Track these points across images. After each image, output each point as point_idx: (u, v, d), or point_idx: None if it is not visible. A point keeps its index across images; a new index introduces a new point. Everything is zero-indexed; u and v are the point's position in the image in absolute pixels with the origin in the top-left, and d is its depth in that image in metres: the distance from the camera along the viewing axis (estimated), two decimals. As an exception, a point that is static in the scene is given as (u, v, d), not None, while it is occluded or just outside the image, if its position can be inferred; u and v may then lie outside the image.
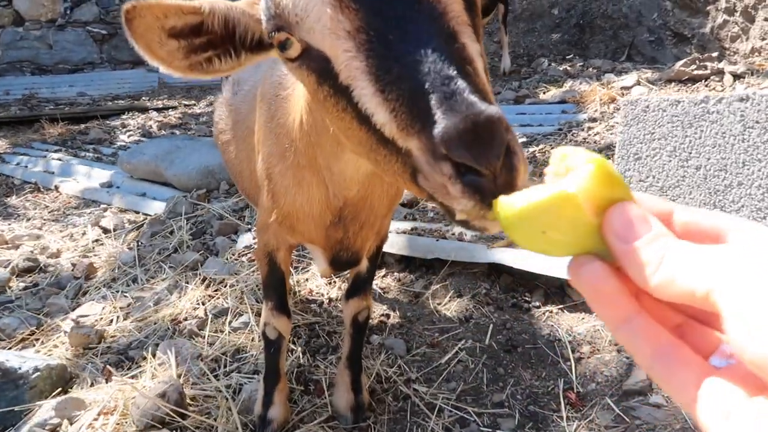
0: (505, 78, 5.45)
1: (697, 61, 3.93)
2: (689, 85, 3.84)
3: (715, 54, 4.20)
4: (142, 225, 3.34)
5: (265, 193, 1.43)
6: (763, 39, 4.51)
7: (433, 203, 0.66)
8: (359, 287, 1.70)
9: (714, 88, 3.67)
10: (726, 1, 5.01)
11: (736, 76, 3.73)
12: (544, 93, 4.65)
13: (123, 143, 5.57)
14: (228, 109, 1.91)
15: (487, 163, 0.56)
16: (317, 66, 0.76)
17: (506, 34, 5.84)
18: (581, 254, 0.45)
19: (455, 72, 0.63)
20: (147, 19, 0.86)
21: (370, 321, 2.04)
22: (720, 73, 3.82)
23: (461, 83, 0.61)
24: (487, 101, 0.61)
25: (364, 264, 1.63)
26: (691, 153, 1.72)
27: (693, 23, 5.49)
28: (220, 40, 0.92)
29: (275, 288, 1.63)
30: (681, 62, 3.97)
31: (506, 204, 0.49)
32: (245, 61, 0.94)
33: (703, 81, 3.82)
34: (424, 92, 0.62)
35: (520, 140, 3.59)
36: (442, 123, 0.59)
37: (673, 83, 3.94)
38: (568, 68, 5.39)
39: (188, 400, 1.80)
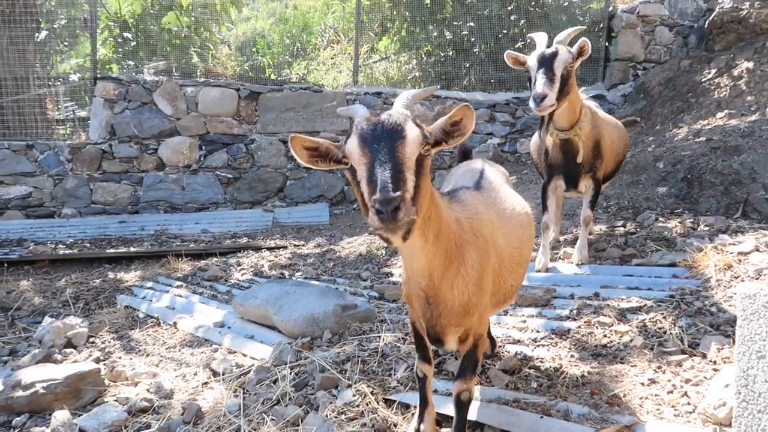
0: (609, 234, 5.38)
1: (822, 229, 3.72)
2: (815, 253, 3.61)
3: (842, 221, 3.96)
4: (249, 371, 3.48)
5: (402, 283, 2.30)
6: None
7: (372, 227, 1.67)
8: (462, 373, 2.22)
9: None
10: None
11: None
12: (652, 252, 4.53)
13: (236, 281, 5.98)
14: None
15: (384, 211, 1.59)
16: (353, 170, 1.80)
17: (591, 220, 4.75)
18: None
19: (391, 180, 1.64)
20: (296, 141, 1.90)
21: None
22: None
23: (389, 183, 1.64)
24: (397, 189, 1.63)
25: (452, 346, 2.23)
26: (823, 357, 1.61)
27: (814, 183, 5.26)
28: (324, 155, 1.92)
29: (418, 345, 2.39)
30: (804, 229, 3.77)
31: None
32: (332, 165, 1.91)
33: (831, 250, 3.59)
34: (377, 182, 1.66)
35: (629, 305, 3.49)
36: (376, 195, 1.61)
37: (796, 250, 3.73)
38: (678, 224, 5.26)
39: None
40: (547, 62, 3.87)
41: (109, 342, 4.47)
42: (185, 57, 10.97)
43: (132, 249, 7.71)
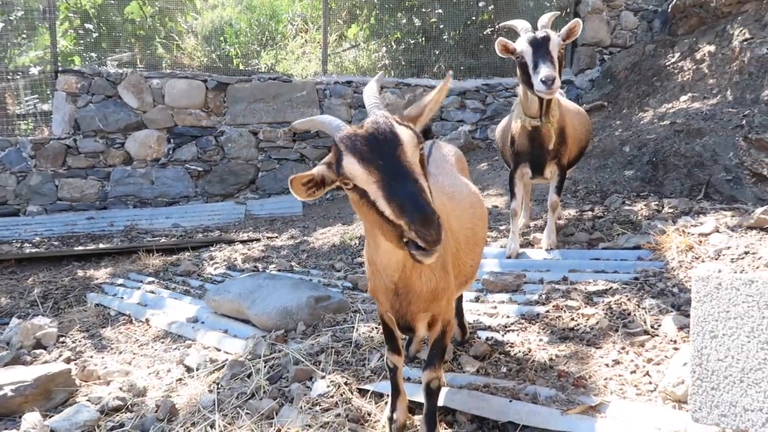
0: (578, 219, 5.48)
1: (778, 209, 3.85)
2: (772, 232, 3.75)
3: (797, 200, 4.11)
4: (223, 366, 3.48)
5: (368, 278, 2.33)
6: None
7: (406, 246, 1.63)
8: (431, 361, 2.29)
9: (799, 238, 3.56)
10: (804, 144, 4.96)
11: (823, 225, 3.62)
12: (618, 236, 4.63)
13: (209, 276, 5.94)
14: None
15: (428, 234, 1.54)
16: (360, 191, 1.72)
17: (558, 206, 4.74)
18: None
19: (419, 196, 1.60)
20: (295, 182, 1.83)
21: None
22: (804, 220, 3.72)
23: (419, 199, 1.59)
24: (429, 205, 1.59)
25: (422, 333, 2.27)
26: (771, 335, 1.69)
27: (771, 163, 5.43)
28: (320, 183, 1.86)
29: (387, 337, 2.44)
30: (761, 209, 3.90)
31: None
32: (327, 189, 1.87)
33: (786, 229, 3.72)
34: (405, 201, 1.59)
35: (597, 288, 3.58)
36: (411, 215, 1.56)
37: (754, 230, 3.86)
38: (643, 207, 5.38)
39: None
40: (542, 45, 3.89)
41: (79, 341, 4.42)
42: (150, 48, 10.77)
43: (101, 246, 7.59)
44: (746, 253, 3.48)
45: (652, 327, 2.93)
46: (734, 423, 1.73)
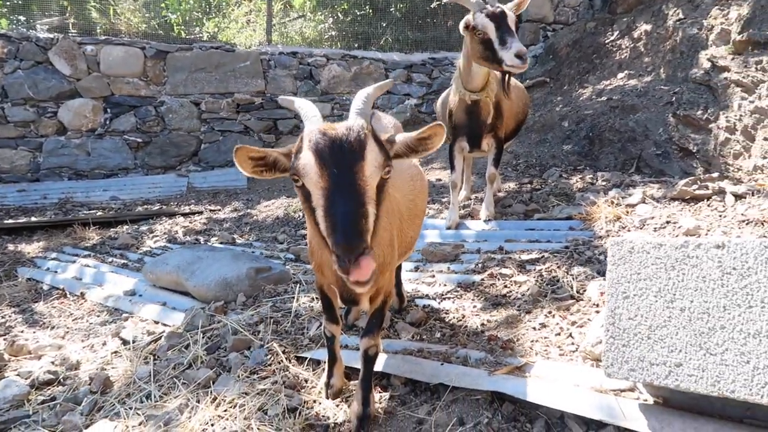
0: (516, 191, 5.64)
1: (698, 181, 4.07)
2: (692, 204, 3.96)
3: (716, 174, 4.36)
4: (160, 338, 3.44)
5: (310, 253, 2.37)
6: (764, 157, 4.67)
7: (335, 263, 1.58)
8: (369, 330, 2.32)
9: (716, 208, 3.79)
10: (726, 120, 5.24)
11: (738, 196, 3.85)
12: (553, 207, 4.80)
13: (149, 249, 5.81)
14: None
15: (347, 262, 1.51)
16: (306, 191, 1.68)
17: (496, 178, 4.89)
18: None
19: (353, 221, 1.55)
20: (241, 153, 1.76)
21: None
22: (722, 192, 3.95)
23: (353, 225, 1.54)
24: (361, 236, 1.53)
25: (365, 305, 2.30)
26: (675, 294, 1.81)
27: (697, 139, 5.71)
28: (271, 166, 1.83)
29: (326, 307, 2.49)
30: (683, 182, 4.11)
31: None
32: (277, 175, 1.83)
33: (705, 200, 3.95)
34: (337, 222, 1.56)
35: (530, 257, 3.72)
36: (337, 239, 1.54)
37: (676, 201, 4.07)
38: (578, 180, 5.58)
39: None
40: (503, 21, 3.88)
41: (9, 316, 4.27)
42: (83, 12, 10.24)
43: (33, 219, 7.28)
44: (668, 222, 3.68)
45: (577, 292, 3.08)
46: (641, 376, 1.86)
